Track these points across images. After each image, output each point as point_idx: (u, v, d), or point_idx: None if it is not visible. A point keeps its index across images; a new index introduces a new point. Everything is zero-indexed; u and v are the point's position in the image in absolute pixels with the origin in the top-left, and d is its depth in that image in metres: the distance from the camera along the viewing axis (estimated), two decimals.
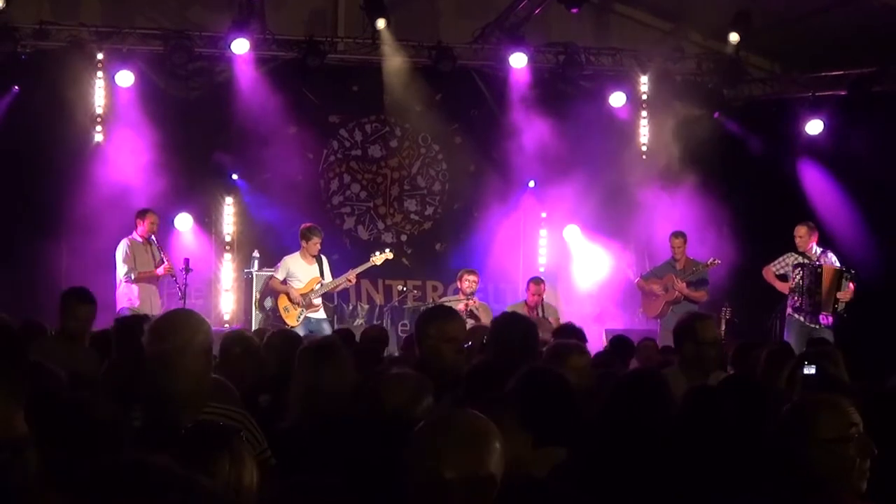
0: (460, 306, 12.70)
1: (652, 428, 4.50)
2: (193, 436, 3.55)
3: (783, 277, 12.83)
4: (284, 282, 12.75)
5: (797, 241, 12.75)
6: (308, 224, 12.99)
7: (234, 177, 14.69)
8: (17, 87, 13.78)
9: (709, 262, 13.26)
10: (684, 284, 13.22)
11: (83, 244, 13.44)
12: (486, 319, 12.67)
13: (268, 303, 13.29)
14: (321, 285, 12.80)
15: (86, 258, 13.32)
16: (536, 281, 13.33)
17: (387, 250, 13.41)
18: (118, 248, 12.61)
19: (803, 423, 3.67)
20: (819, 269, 12.48)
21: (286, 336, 7.10)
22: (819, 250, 12.76)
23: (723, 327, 13.40)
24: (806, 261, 12.62)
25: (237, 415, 4.47)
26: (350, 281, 13.09)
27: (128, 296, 12.47)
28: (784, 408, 4.00)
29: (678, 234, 13.60)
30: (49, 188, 13.59)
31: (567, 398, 4.47)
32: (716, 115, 15.28)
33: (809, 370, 5.15)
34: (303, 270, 12.80)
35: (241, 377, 5.92)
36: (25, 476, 3.24)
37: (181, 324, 4.56)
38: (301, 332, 12.17)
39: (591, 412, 4.77)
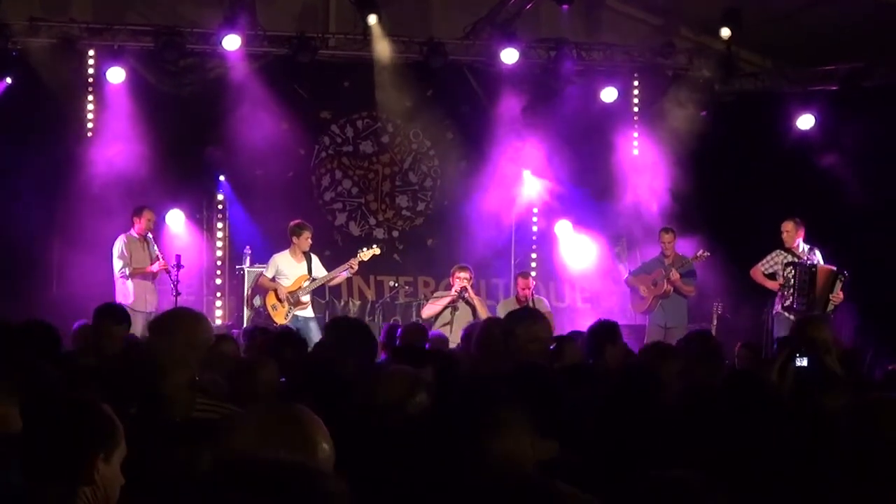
0: (446, 300, 12.70)
1: (645, 423, 4.51)
2: (180, 430, 3.57)
3: (772, 276, 12.82)
4: (273, 279, 12.73)
5: (784, 235, 12.73)
6: (297, 221, 12.96)
7: (221, 178, 14.70)
8: (7, 80, 13.74)
9: (696, 255, 13.24)
10: (678, 276, 13.19)
11: (74, 240, 13.47)
12: (482, 311, 12.71)
13: (257, 300, 13.27)
14: (309, 283, 12.77)
15: (77, 254, 13.37)
16: (524, 275, 13.30)
17: (374, 246, 13.36)
18: (115, 245, 12.64)
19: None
20: (813, 269, 12.45)
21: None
22: (806, 248, 12.74)
23: (714, 323, 13.46)
24: (796, 259, 12.62)
25: (233, 412, 4.47)
26: (353, 268, 12.97)
27: (123, 292, 12.51)
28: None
29: (668, 230, 13.57)
30: (40, 184, 13.56)
31: (561, 394, 4.48)
32: (703, 113, 15.27)
33: (801, 362, 5.14)
34: (291, 268, 12.77)
35: None
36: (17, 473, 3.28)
37: (182, 321, 4.58)
38: None
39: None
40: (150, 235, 12.73)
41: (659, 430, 4.45)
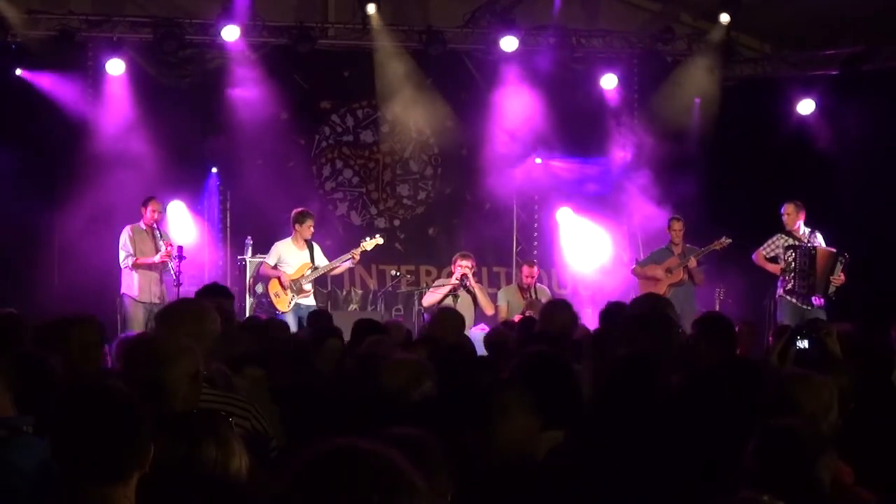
0: (447, 288, 12.70)
1: (647, 411, 4.52)
2: (182, 421, 3.59)
3: (773, 260, 12.81)
4: (275, 267, 12.74)
5: (784, 218, 12.71)
6: (300, 209, 12.98)
7: (214, 170, 14.73)
8: (13, 72, 13.79)
9: (718, 242, 13.12)
10: (696, 262, 13.16)
11: (75, 231, 13.51)
12: (483, 299, 12.71)
13: (259, 288, 13.27)
14: (312, 271, 12.77)
15: (78, 245, 13.41)
16: (530, 263, 13.33)
17: (377, 236, 13.36)
18: (121, 236, 12.60)
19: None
20: (813, 251, 12.45)
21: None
22: (807, 231, 12.73)
23: (717, 308, 13.45)
24: (797, 242, 12.62)
25: (244, 404, 4.48)
26: (355, 258, 12.97)
27: (128, 283, 12.51)
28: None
29: (676, 219, 13.44)
30: (40, 176, 13.60)
31: (569, 381, 4.49)
32: (697, 100, 15.26)
33: (802, 344, 5.16)
34: (294, 256, 12.77)
35: None
36: (25, 455, 3.31)
37: (189, 312, 4.60)
38: (291, 318, 12.23)
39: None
40: (156, 225, 12.66)
41: (659, 416, 4.46)
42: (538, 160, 15.27)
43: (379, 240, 13.24)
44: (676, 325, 5.70)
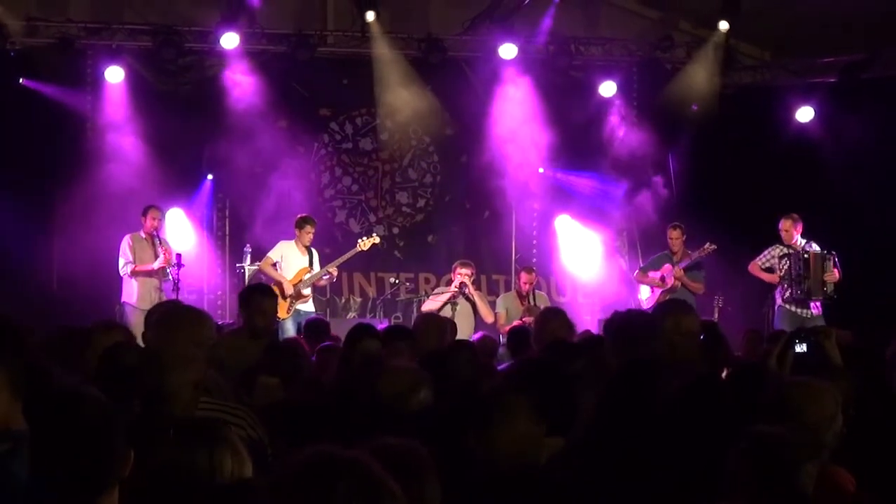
0: (446, 296, 12.68)
1: (646, 417, 4.50)
2: (188, 429, 3.57)
3: (769, 270, 12.85)
4: (275, 265, 12.70)
5: (782, 234, 12.79)
6: (302, 214, 13.02)
7: (209, 177, 14.73)
8: (12, 79, 13.81)
9: (703, 249, 13.19)
10: (682, 271, 13.18)
11: (75, 239, 13.50)
12: (482, 306, 12.69)
13: None
14: (310, 276, 12.76)
15: (78, 253, 13.39)
16: (528, 270, 13.31)
17: (374, 234, 13.40)
18: (121, 244, 12.64)
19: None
20: (806, 257, 12.54)
21: None
22: (803, 241, 12.79)
23: (716, 316, 13.44)
24: (791, 251, 12.67)
25: (240, 412, 4.46)
26: (332, 273, 13.00)
27: (127, 291, 12.52)
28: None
29: (675, 227, 13.47)
30: (40, 183, 13.62)
31: (567, 388, 4.48)
32: (694, 107, 15.26)
33: (801, 348, 5.16)
34: (295, 258, 12.78)
35: None
36: (24, 468, 3.28)
37: (185, 318, 4.58)
38: (291, 323, 12.21)
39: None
40: (156, 233, 12.66)
41: (659, 422, 4.44)
42: (541, 170, 15.24)
43: (375, 238, 13.29)
44: (677, 332, 5.63)
